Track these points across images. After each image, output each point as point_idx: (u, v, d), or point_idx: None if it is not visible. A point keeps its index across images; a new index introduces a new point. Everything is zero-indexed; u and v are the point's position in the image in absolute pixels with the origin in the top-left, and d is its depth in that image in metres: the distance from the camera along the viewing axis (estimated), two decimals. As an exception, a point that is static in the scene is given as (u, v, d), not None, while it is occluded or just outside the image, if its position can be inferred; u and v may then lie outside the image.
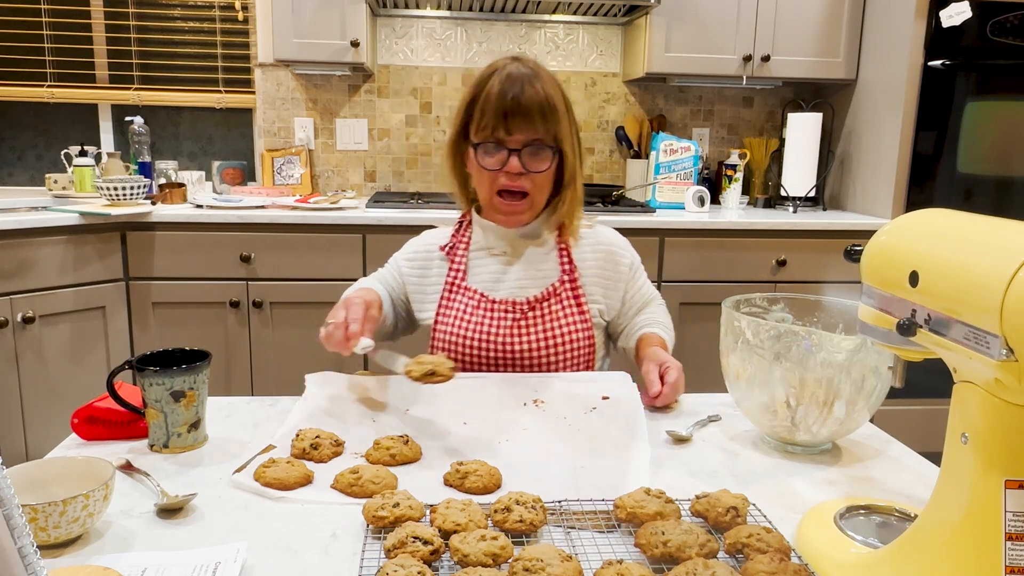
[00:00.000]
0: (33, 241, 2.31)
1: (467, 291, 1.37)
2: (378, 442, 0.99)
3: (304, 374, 1.24)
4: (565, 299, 1.36)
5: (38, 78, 3.05)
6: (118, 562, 0.73)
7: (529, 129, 1.28)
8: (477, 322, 1.34)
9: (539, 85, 1.28)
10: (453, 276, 1.39)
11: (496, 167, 1.30)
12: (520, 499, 0.81)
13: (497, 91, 1.27)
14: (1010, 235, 0.60)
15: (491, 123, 1.28)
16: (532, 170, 1.30)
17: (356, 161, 3.21)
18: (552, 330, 1.34)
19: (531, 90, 1.27)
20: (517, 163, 1.29)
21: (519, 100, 1.26)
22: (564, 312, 1.36)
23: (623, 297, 1.43)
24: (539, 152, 1.30)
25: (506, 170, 1.30)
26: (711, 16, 2.87)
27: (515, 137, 1.28)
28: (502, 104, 1.27)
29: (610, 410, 1.12)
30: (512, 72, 1.28)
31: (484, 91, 1.29)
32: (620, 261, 1.43)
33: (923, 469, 1.01)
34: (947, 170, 2.72)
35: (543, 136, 1.29)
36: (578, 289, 1.38)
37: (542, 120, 1.27)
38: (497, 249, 1.39)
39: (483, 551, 0.72)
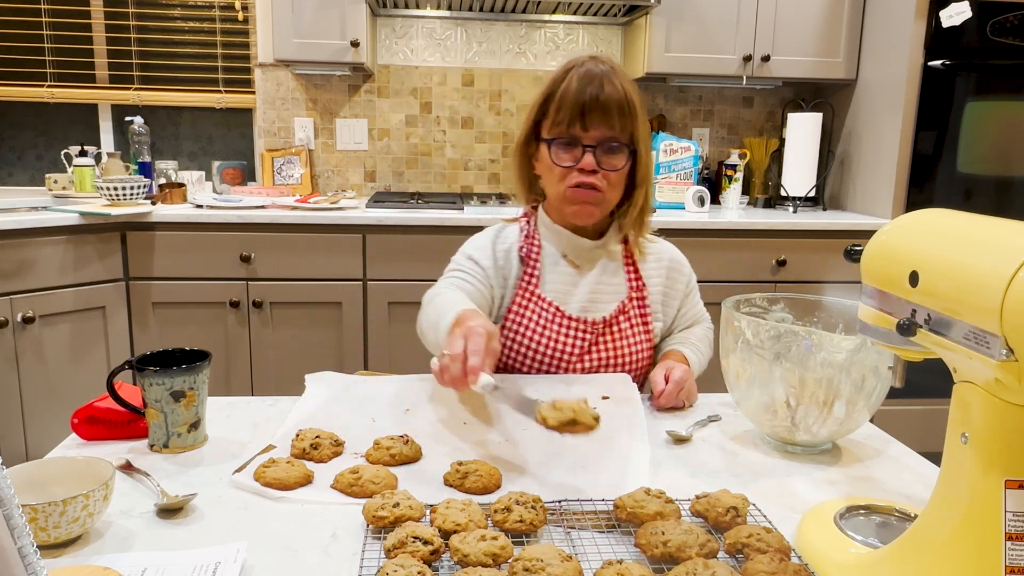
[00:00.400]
0: (33, 241, 2.31)
1: (541, 300, 1.32)
2: (378, 442, 0.99)
3: (304, 374, 1.24)
4: (633, 317, 1.34)
5: (38, 78, 3.05)
6: (118, 562, 0.73)
7: (606, 126, 1.24)
8: (551, 336, 1.30)
9: (617, 82, 1.25)
10: (527, 281, 1.34)
11: (570, 163, 1.27)
12: (520, 499, 0.81)
13: (575, 87, 1.24)
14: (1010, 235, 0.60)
15: (567, 118, 1.25)
16: (607, 168, 1.26)
17: (356, 161, 3.21)
18: (620, 350, 1.32)
19: (610, 87, 1.24)
20: (591, 160, 1.25)
21: (597, 96, 1.23)
22: (632, 331, 1.33)
23: (676, 314, 1.43)
24: (615, 150, 1.26)
25: (580, 167, 1.26)
26: (711, 16, 2.87)
27: (591, 134, 1.25)
28: (580, 100, 1.24)
29: (610, 410, 1.12)
30: (590, 69, 1.25)
31: (561, 87, 1.26)
32: (679, 278, 1.42)
33: (923, 469, 1.01)
34: (947, 170, 2.72)
35: (619, 134, 1.26)
36: (645, 308, 1.36)
37: (620, 117, 1.24)
38: (569, 257, 1.35)
39: (483, 551, 0.72)
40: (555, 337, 1.30)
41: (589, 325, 1.31)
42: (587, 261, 1.36)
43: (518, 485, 0.91)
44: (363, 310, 2.61)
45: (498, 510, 0.81)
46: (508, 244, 1.37)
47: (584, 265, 1.36)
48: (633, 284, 1.36)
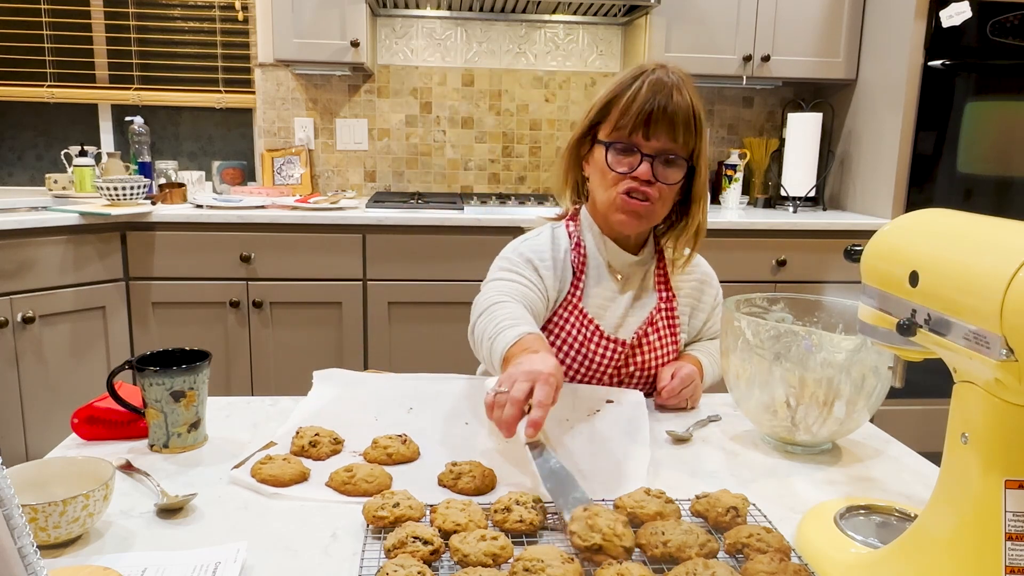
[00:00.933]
0: (33, 241, 2.31)
1: (582, 315, 1.28)
2: (376, 441, 0.99)
3: (304, 374, 1.24)
4: (663, 328, 1.32)
5: (38, 78, 3.05)
6: (118, 562, 0.73)
7: (668, 137, 1.21)
8: (586, 354, 1.28)
9: (687, 94, 1.22)
10: (572, 294, 1.29)
11: (626, 170, 1.23)
12: (520, 499, 0.81)
13: (644, 94, 1.21)
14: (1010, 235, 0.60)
15: (631, 125, 1.21)
16: (662, 180, 1.23)
17: (356, 161, 3.21)
18: (649, 363, 1.30)
19: (679, 98, 1.21)
20: (647, 170, 1.22)
21: (665, 107, 1.20)
22: (661, 343, 1.32)
23: (701, 328, 1.42)
24: (673, 163, 1.23)
25: (635, 175, 1.22)
26: (711, 16, 2.87)
27: (651, 144, 1.22)
28: (647, 108, 1.20)
29: (613, 413, 1.12)
30: (661, 77, 1.22)
31: (629, 92, 1.22)
32: (708, 291, 1.41)
33: (923, 469, 1.01)
34: (947, 170, 2.72)
35: (680, 148, 1.23)
36: (674, 319, 1.34)
37: (684, 131, 1.22)
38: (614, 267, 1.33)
39: (483, 551, 0.72)
40: (590, 356, 1.28)
41: (621, 344, 1.28)
42: (628, 275, 1.33)
43: (518, 486, 0.91)
44: (363, 310, 2.61)
45: (498, 510, 0.81)
46: (563, 250, 1.32)
47: (624, 280, 1.33)
48: (663, 295, 1.34)
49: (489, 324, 1.11)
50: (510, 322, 1.09)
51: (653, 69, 1.24)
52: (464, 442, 1.03)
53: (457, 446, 1.02)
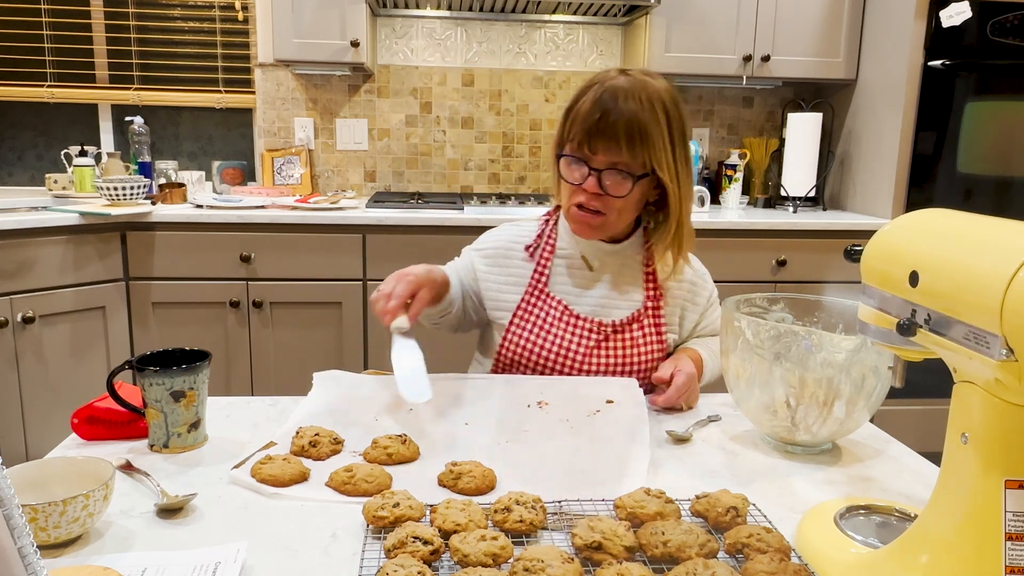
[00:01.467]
0: (33, 241, 2.31)
1: (549, 299, 1.31)
2: (376, 441, 0.99)
3: (304, 374, 1.24)
4: (647, 326, 1.32)
5: (38, 78, 3.05)
6: (118, 562, 0.73)
7: (613, 152, 1.21)
8: (557, 335, 1.29)
9: (634, 105, 1.20)
10: (536, 280, 1.33)
11: (575, 182, 1.25)
12: (520, 499, 0.81)
13: (587, 107, 1.21)
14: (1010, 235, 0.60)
15: (577, 138, 1.23)
16: (610, 194, 1.23)
17: (356, 161, 3.21)
18: (630, 356, 1.31)
19: (623, 111, 1.19)
20: (595, 184, 1.23)
21: (606, 120, 1.19)
22: (645, 339, 1.32)
23: (694, 328, 1.41)
24: (618, 177, 1.22)
25: (584, 188, 1.24)
26: (711, 16, 2.87)
27: (598, 157, 1.22)
28: (588, 122, 1.21)
29: (614, 413, 1.11)
30: (610, 87, 1.21)
31: (579, 103, 1.23)
32: (701, 292, 1.40)
33: (923, 469, 1.01)
34: (947, 170, 2.72)
35: (629, 160, 1.21)
36: (660, 319, 1.34)
37: (628, 144, 1.20)
38: (586, 257, 1.34)
39: (483, 551, 0.72)
40: (561, 335, 1.29)
41: (597, 325, 1.30)
42: (603, 264, 1.34)
43: (516, 485, 0.91)
44: (363, 310, 2.61)
45: (498, 510, 0.81)
46: (517, 247, 1.37)
47: (600, 268, 1.34)
48: (651, 294, 1.34)
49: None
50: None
51: (611, 78, 1.24)
52: (464, 442, 1.03)
53: (457, 446, 1.02)
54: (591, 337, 1.30)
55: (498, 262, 1.37)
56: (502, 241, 1.39)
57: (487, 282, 1.36)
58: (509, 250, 1.37)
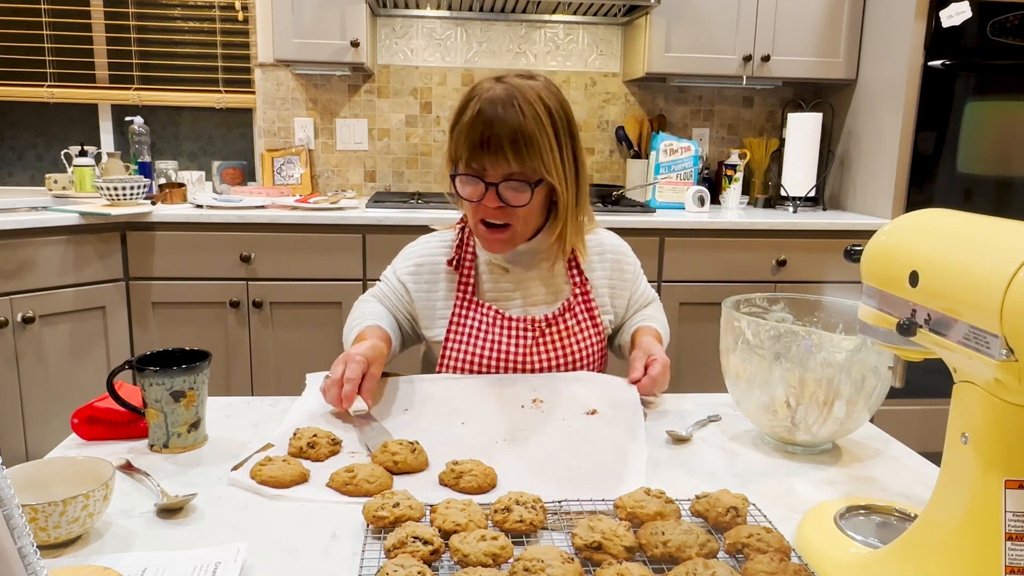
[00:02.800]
0: (33, 241, 2.31)
1: (480, 307, 1.32)
2: (387, 444, 0.97)
3: (304, 374, 1.24)
4: (580, 313, 1.34)
5: (38, 78, 3.05)
6: (118, 562, 0.73)
7: (503, 164, 1.19)
8: (494, 340, 1.30)
9: (516, 115, 1.18)
10: (463, 291, 1.33)
11: (474, 199, 1.24)
12: (520, 499, 0.81)
13: (468, 123, 1.19)
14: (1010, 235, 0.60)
15: (465, 156, 1.21)
16: (511, 204, 1.22)
17: (356, 161, 3.21)
18: (569, 346, 1.32)
19: (504, 122, 1.17)
20: (494, 198, 1.22)
21: (489, 134, 1.18)
22: (580, 327, 1.33)
23: (627, 303, 1.43)
24: (517, 187, 1.22)
25: (484, 203, 1.23)
26: (711, 16, 2.87)
27: (490, 171, 1.21)
28: (473, 138, 1.19)
29: (609, 412, 1.12)
30: (488, 99, 1.19)
31: (463, 118, 1.21)
32: (625, 268, 1.42)
33: (923, 469, 1.01)
34: (947, 170, 2.72)
35: (521, 169, 1.20)
36: (591, 302, 1.35)
37: (515, 155, 1.18)
38: (501, 261, 1.34)
39: (483, 551, 0.72)
40: (498, 339, 1.30)
41: (530, 323, 1.31)
42: (519, 262, 1.34)
43: (517, 485, 0.91)
44: (363, 310, 2.61)
45: (498, 510, 0.81)
46: (437, 258, 1.36)
47: (514, 268, 1.34)
48: (576, 281, 1.35)
49: (350, 322, 1.34)
50: (359, 320, 1.31)
51: (486, 89, 1.21)
52: (463, 441, 1.03)
53: (456, 445, 1.02)
54: (527, 335, 1.30)
55: (426, 279, 1.36)
56: (426, 257, 1.37)
57: (419, 301, 1.35)
58: (435, 264, 1.36)
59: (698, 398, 1.25)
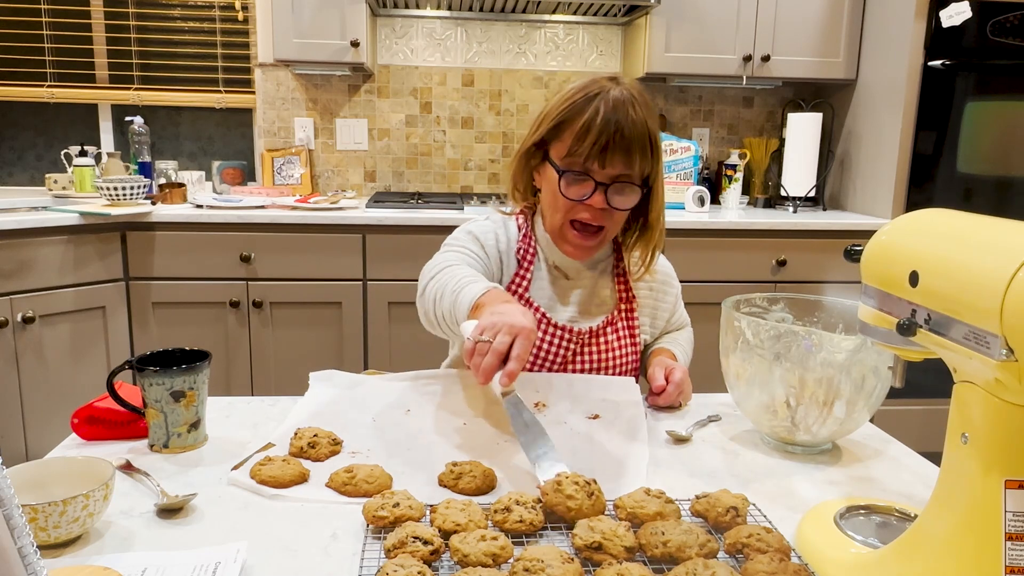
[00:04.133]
0: (33, 241, 2.31)
1: (527, 304, 1.29)
2: (561, 483, 0.83)
3: (304, 374, 1.24)
4: (621, 329, 1.33)
5: (38, 78, 3.05)
6: (118, 562, 0.73)
7: (624, 164, 1.18)
8: (536, 343, 1.27)
9: (640, 114, 1.18)
10: (518, 284, 1.30)
11: (578, 197, 1.20)
12: (520, 499, 0.81)
13: (600, 123, 1.16)
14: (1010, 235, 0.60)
15: (586, 153, 1.17)
16: (616, 207, 1.21)
17: (356, 161, 3.21)
18: (606, 360, 1.31)
19: (634, 122, 1.17)
20: (602, 199, 1.19)
21: (621, 132, 1.16)
22: (619, 343, 1.32)
23: (664, 326, 1.43)
24: (626, 189, 1.20)
25: (588, 203, 1.20)
26: (711, 16, 2.87)
27: (606, 171, 1.18)
28: (603, 137, 1.16)
29: (611, 415, 1.11)
30: (617, 97, 1.17)
31: (584, 117, 1.17)
32: (669, 291, 1.41)
33: (923, 469, 1.01)
34: (947, 170, 2.72)
35: (635, 174, 1.20)
36: (633, 320, 1.34)
37: (640, 157, 1.18)
38: (561, 269, 1.33)
39: (483, 551, 0.72)
40: (540, 344, 1.28)
41: (575, 335, 1.29)
42: (580, 274, 1.34)
43: (517, 486, 0.91)
44: (363, 310, 2.61)
45: (498, 510, 0.81)
46: (510, 238, 1.32)
47: (576, 278, 1.34)
48: (623, 296, 1.34)
49: (449, 281, 1.11)
50: (471, 278, 1.10)
51: (608, 90, 1.19)
52: (464, 442, 1.03)
53: (457, 445, 1.02)
54: (568, 347, 1.29)
55: (503, 253, 1.31)
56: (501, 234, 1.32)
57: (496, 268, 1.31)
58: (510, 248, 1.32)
59: (698, 398, 1.25)
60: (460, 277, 1.11)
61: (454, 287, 1.09)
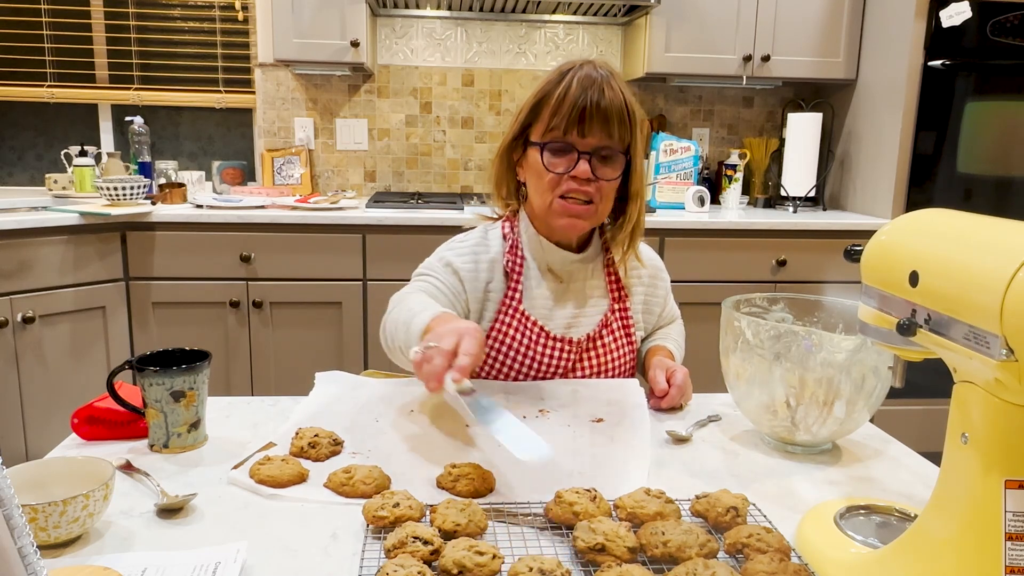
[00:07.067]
0: (33, 241, 2.31)
1: (525, 318, 1.28)
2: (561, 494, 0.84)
3: (303, 374, 1.24)
4: (617, 330, 1.33)
5: (38, 78, 3.05)
6: (118, 562, 0.73)
7: (604, 133, 1.20)
8: (534, 356, 1.27)
9: (617, 88, 1.21)
10: (511, 297, 1.28)
11: (563, 170, 1.21)
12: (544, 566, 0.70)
13: (575, 91, 1.19)
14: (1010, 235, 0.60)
15: (564, 123, 1.20)
16: (601, 177, 1.21)
17: (356, 161, 3.21)
18: (605, 364, 1.31)
19: (610, 92, 1.20)
20: (586, 167, 1.20)
21: (598, 102, 1.19)
22: (616, 344, 1.32)
23: (656, 320, 1.43)
24: (611, 158, 1.22)
25: (573, 174, 1.21)
26: (711, 16, 2.87)
27: (587, 140, 1.20)
28: (579, 104, 1.18)
29: (615, 418, 1.11)
30: (590, 73, 1.20)
31: (558, 90, 1.20)
32: (660, 285, 1.42)
33: (923, 469, 1.01)
34: (947, 170, 2.72)
35: (616, 143, 1.22)
36: (628, 318, 1.34)
37: (619, 125, 1.21)
38: (554, 270, 1.32)
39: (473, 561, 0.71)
40: (538, 358, 1.28)
41: (572, 345, 1.29)
42: (571, 274, 1.33)
43: (516, 488, 0.91)
44: (363, 310, 2.61)
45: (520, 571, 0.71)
46: (492, 254, 1.31)
47: (568, 280, 1.32)
48: (616, 295, 1.34)
49: (403, 312, 1.13)
50: (423, 306, 1.12)
51: (581, 65, 1.23)
52: (464, 444, 1.03)
53: (458, 448, 1.02)
54: (568, 357, 1.29)
55: (484, 272, 1.30)
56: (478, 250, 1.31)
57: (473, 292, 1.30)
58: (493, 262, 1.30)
59: (698, 398, 1.25)
60: (412, 306, 1.13)
61: (407, 318, 1.10)
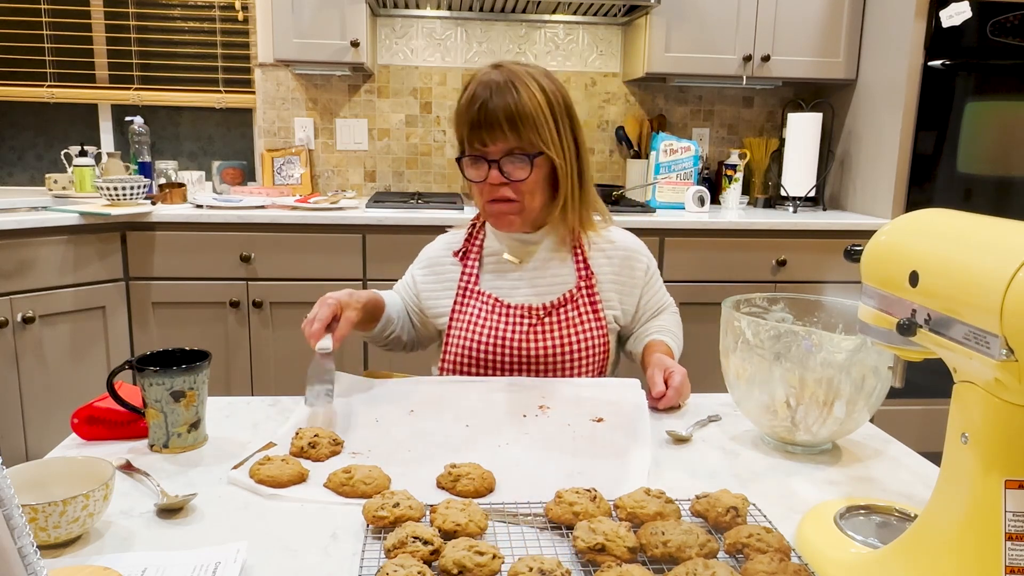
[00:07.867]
0: (33, 241, 2.31)
1: (480, 295, 1.37)
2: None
3: (303, 374, 1.24)
4: (582, 305, 1.36)
5: (38, 78, 3.05)
6: (118, 562, 0.73)
7: (500, 139, 1.26)
8: (491, 326, 1.33)
9: (510, 93, 1.24)
10: (466, 280, 1.39)
11: (480, 179, 1.30)
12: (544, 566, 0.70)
13: (465, 104, 1.27)
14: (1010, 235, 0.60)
15: (465, 136, 1.29)
16: (515, 179, 1.28)
17: (356, 161, 3.21)
18: (568, 335, 1.33)
19: (499, 99, 1.24)
20: (497, 174, 1.28)
21: (484, 111, 1.24)
22: (581, 318, 1.35)
23: (638, 303, 1.43)
24: (517, 161, 1.28)
25: (488, 181, 1.29)
26: (711, 16, 2.87)
27: (493, 148, 1.27)
28: (469, 116, 1.26)
29: (615, 418, 1.11)
30: (483, 81, 1.26)
31: (461, 101, 1.29)
32: (636, 266, 1.42)
33: (923, 469, 1.01)
34: (947, 170, 2.72)
35: (519, 144, 1.27)
36: (595, 295, 1.37)
37: (512, 129, 1.25)
38: (510, 254, 1.39)
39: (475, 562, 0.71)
40: (495, 326, 1.33)
41: (530, 311, 1.34)
42: (527, 255, 1.39)
43: (516, 488, 0.91)
44: (363, 310, 2.60)
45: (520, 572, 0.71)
46: (452, 248, 1.43)
47: (524, 259, 1.38)
48: (581, 274, 1.37)
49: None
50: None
51: (484, 73, 1.29)
52: (465, 444, 1.03)
53: (458, 448, 1.02)
54: (523, 322, 1.33)
55: (433, 271, 1.42)
56: (436, 251, 1.45)
57: (425, 292, 1.42)
58: (442, 258, 1.43)
59: (698, 398, 1.25)
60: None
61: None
